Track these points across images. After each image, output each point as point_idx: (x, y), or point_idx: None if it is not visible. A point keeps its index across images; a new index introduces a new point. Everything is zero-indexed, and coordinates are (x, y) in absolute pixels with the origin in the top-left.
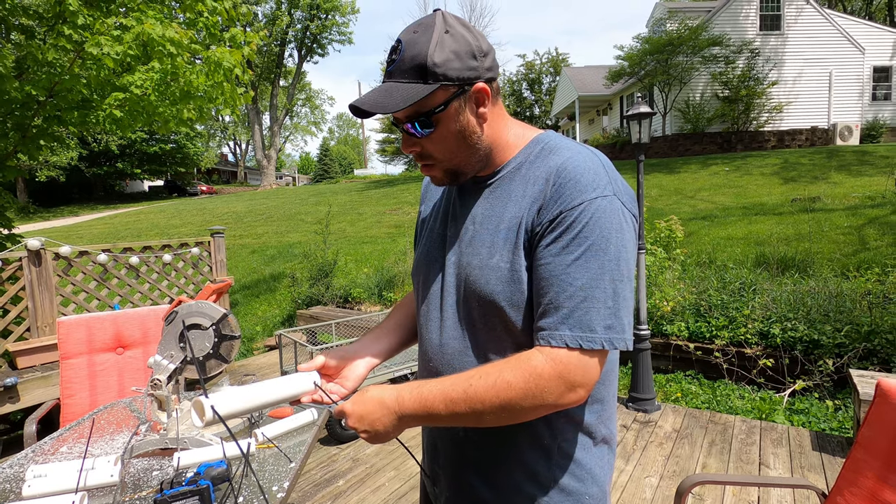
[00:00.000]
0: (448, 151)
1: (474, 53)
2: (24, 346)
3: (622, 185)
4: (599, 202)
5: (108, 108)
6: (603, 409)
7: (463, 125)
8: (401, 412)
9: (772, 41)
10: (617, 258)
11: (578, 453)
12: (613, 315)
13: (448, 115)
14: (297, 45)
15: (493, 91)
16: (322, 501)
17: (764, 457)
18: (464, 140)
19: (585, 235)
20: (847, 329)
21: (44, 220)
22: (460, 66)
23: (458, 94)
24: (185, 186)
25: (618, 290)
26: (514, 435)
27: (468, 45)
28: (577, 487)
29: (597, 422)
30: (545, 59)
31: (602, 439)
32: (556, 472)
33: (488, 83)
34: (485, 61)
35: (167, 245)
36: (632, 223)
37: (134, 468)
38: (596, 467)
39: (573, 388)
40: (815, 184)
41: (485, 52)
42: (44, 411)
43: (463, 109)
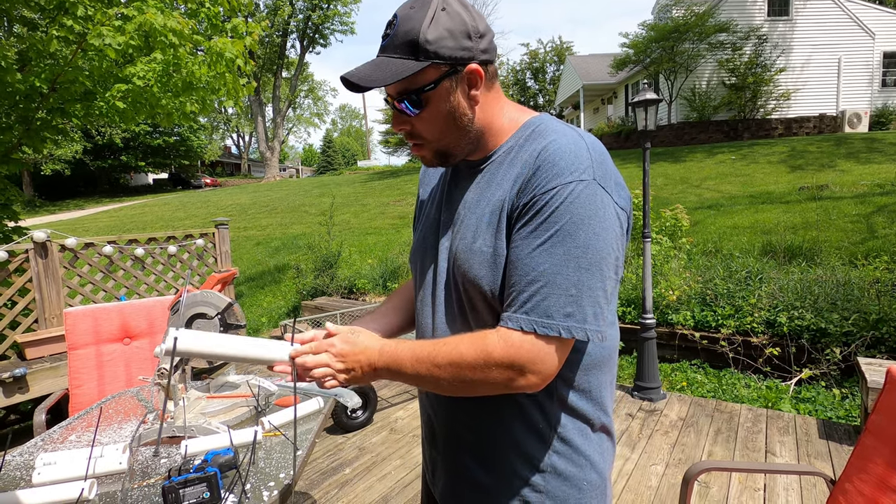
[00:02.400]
0: (437, 132)
1: (469, 33)
2: (32, 337)
3: (607, 172)
4: (574, 186)
5: (111, 100)
6: (597, 399)
7: (454, 106)
8: (377, 361)
9: (780, 27)
10: (586, 246)
11: (576, 439)
12: (575, 303)
13: (438, 94)
14: (300, 36)
15: (489, 74)
16: (328, 489)
17: (770, 445)
18: (454, 121)
19: (555, 220)
20: (855, 317)
21: (49, 213)
22: (454, 44)
23: (450, 74)
24: (189, 179)
25: (583, 279)
26: (508, 418)
27: (464, 25)
28: (574, 473)
29: (593, 409)
30: (549, 48)
31: (601, 427)
32: (552, 457)
33: (483, 65)
34: (480, 42)
35: (172, 237)
36: (614, 211)
37: (142, 456)
38: (595, 454)
39: (523, 373)
40: (823, 172)
41: (481, 34)
42: (53, 401)
43: (454, 90)
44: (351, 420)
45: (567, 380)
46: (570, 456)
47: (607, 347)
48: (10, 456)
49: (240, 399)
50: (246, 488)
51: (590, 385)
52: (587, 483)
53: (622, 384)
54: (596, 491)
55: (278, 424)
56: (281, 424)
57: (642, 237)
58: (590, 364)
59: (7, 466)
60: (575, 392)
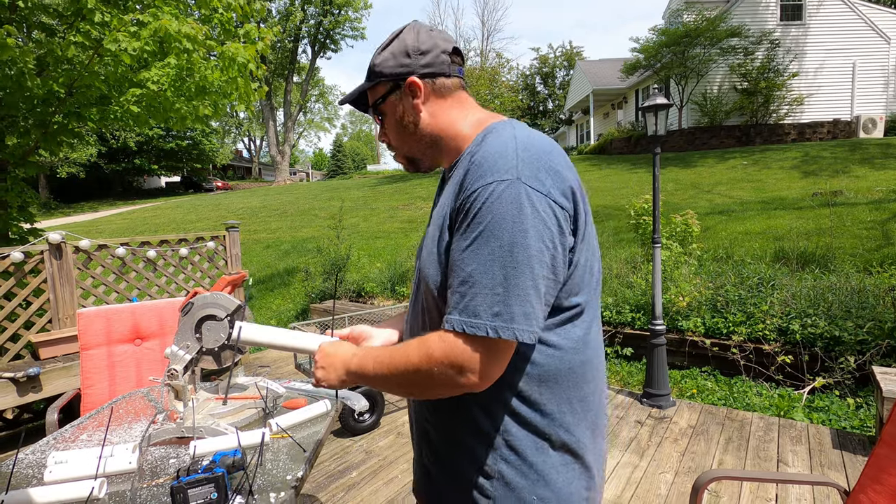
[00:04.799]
0: (397, 139)
1: (408, 52)
2: (45, 337)
3: (537, 169)
4: (495, 187)
5: (126, 104)
6: (553, 415)
7: (400, 115)
8: (349, 364)
9: (793, 31)
10: (511, 244)
11: (529, 452)
12: (502, 303)
13: (388, 106)
14: (311, 41)
15: (435, 85)
16: (335, 492)
17: (782, 454)
18: (404, 129)
19: (478, 221)
20: (869, 325)
21: (64, 215)
22: (394, 63)
23: (394, 88)
24: (201, 182)
25: (509, 277)
26: (460, 420)
27: (404, 46)
28: (523, 485)
29: (548, 425)
30: (559, 53)
31: (561, 446)
32: (501, 465)
33: (426, 77)
34: (420, 59)
35: (183, 239)
36: (547, 207)
37: (151, 456)
38: (552, 472)
39: (462, 372)
40: (837, 177)
41: (422, 52)
42: (65, 400)
43: (399, 101)
44: (358, 423)
45: (514, 388)
46: (521, 467)
47: (566, 361)
48: (23, 454)
49: (248, 401)
50: (253, 489)
51: (542, 399)
52: (537, 498)
53: (631, 391)
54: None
55: (286, 426)
56: (289, 426)
57: (652, 243)
58: (542, 375)
59: (20, 464)
60: (524, 403)
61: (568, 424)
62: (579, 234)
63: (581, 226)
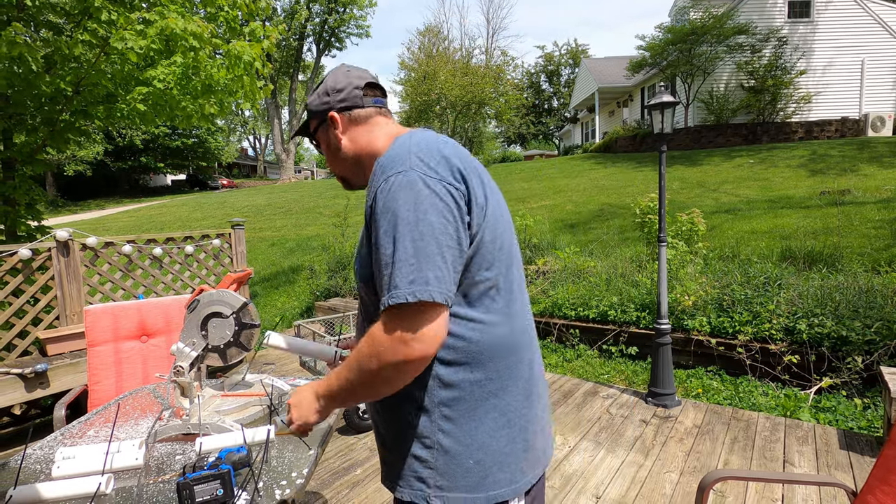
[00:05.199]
0: (330, 162)
1: (328, 92)
2: (53, 333)
3: (429, 160)
4: (393, 179)
5: (132, 102)
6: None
7: (328, 143)
8: (317, 390)
9: (801, 29)
10: (415, 220)
11: (463, 421)
12: (416, 271)
13: (320, 136)
14: (316, 39)
15: (351, 116)
16: (340, 489)
17: (789, 454)
18: (333, 154)
19: (385, 209)
20: (878, 326)
21: (71, 213)
22: (318, 102)
23: (322, 122)
24: (207, 180)
25: (419, 248)
26: (399, 398)
27: (325, 87)
28: (460, 451)
29: (480, 393)
30: (564, 51)
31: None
32: (438, 436)
33: (341, 111)
34: (337, 96)
35: (189, 237)
36: (442, 188)
37: (157, 452)
38: (486, 436)
39: (403, 341)
40: (845, 176)
41: (338, 90)
42: (72, 396)
43: (326, 132)
44: (362, 421)
45: (445, 362)
46: (457, 435)
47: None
48: (31, 450)
49: (253, 398)
50: (258, 486)
51: (472, 370)
52: (474, 462)
53: (636, 390)
54: (487, 470)
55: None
56: None
57: (658, 241)
58: (468, 348)
59: (28, 460)
60: (455, 375)
61: (498, 391)
62: (477, 212)
63: (479, 205)
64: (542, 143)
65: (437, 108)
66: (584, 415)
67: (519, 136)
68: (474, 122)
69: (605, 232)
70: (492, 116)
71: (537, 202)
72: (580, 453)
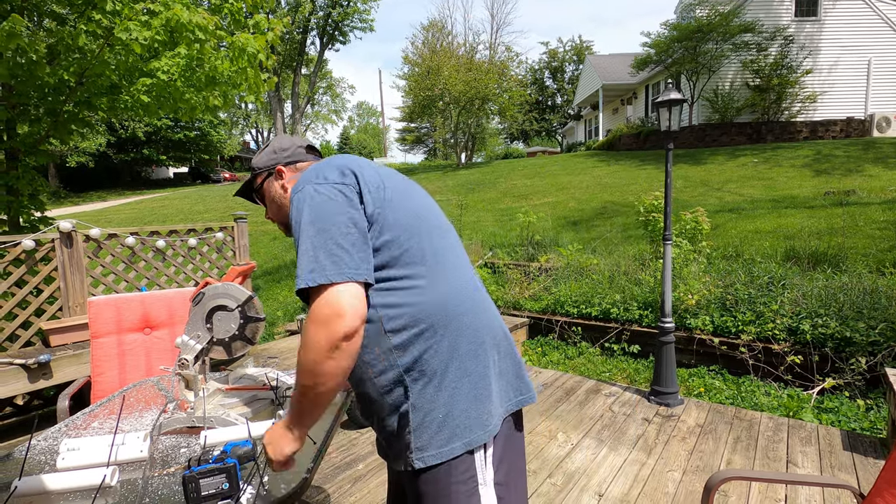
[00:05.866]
0: (273, 212)
1: (275, 150)
2: (56, 324)
3: (316, 175)
4: (294, 197)
5: (136, 94)
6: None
7: (272, 193)
8: (286, 421)
9: (807, 27)
10: (310, 221)
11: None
12: (314, 260)
13: (265, 188)
14: (319, 33)
15: (295, 168)
16: (342, 484)
17: (792, 455)
18: (275, 203)
19: (293, 219)
20: (882, 327)
21: (73, 204)
22: (266, 159)
23: (269, 175)
24: (209, 173)
25: (315, 242)
26: (367, 373)
27: (272, 147)
28: (429, 408)
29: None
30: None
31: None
32: (411, 399)
33: (287, 164)
34: (283, 153)
35: (192, 229)
36: (327, 191)
37: (162, 445)
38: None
39: (326, 321)
40: (850, 176)
41: (284, 148)
42: (76, 388)
43: (271, 183)
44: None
45: (393, 330)
46: (425, 394)
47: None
48: (35, 440)
49: (258, 391)
50: (263, 480)
51: (411, 343)
52: (442, 416)
53: (638, 388)
54: (456, 421)
55: None
56: None
57: (663, 240)
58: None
59: (32, 451)
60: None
61: (451, 346)
62: (375, 196)
63: (375, 189)
64: (544, 139)
65: (441, 104)
66: (587, 412)
67: (522, 133)
68: (477, 118)
69: (607, 229)
70: (495, 112)
71: (540, 199)
72: (582, 451)
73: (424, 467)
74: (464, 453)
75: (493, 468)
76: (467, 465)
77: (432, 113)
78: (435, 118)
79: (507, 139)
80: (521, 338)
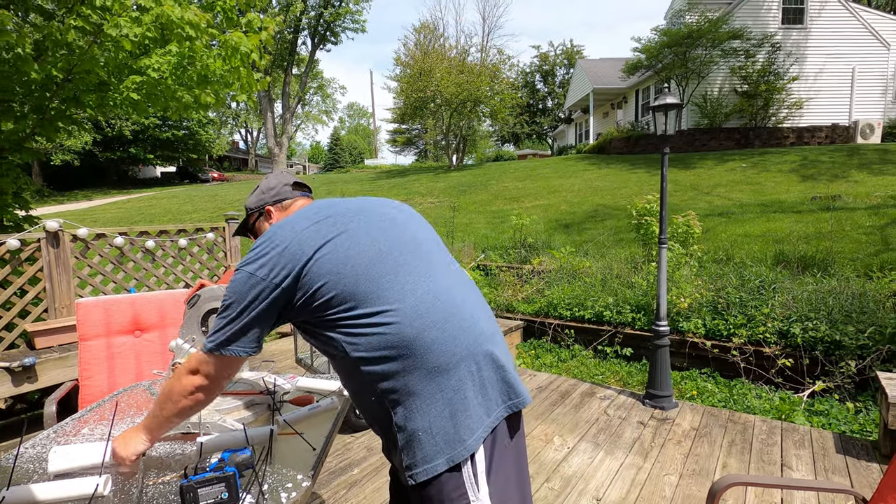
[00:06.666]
0: None
1: (263, 191)
2: (42, 326)
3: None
4: (235, 275)
5: (126, 91)
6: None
7: (264, 230)
8: (136, 427)
9: (794, 35)
10: (225, 306)
11: (406, 401)
12: (221, 334)
13: (258, 228)
14: (311, 33)
15: (282, 205)
16: (337, 490)
17: (786, 458)
18: None
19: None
20: (871, 331)
21: (58, 203)
22: (256, 200)
23: (259, 215)
24: (197, 173)
25: (223, 327)
26: (364, 396)
27: (260, 189)
28: (413, 427)
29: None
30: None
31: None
32: (395, 419)
33: (274, 204)
34: (270, 192)
35: (183, 230)
36: (248, 275)
37: (156, 451)
38: (426, 408)
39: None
40: (836, 182)
41: (271, 188)
42: (63, 392)
43: (263, 221)
44: (360, 419)
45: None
46: (406, 415)
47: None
48: (23, 447)
49: (254, 396)
50: (263, 489)
51: (380, 371)
52: (422, 433)
53: (633, 392)
54: (435, 438)
55: (293, 423)
56: (296, 423)
57: (658, 243)
58: (366, 350)
59: (19, 459)
60: (380, 370)
61: (423, 368)
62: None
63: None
64: (535, 142)
65: (432, 105)
66: (582, 416)
67: (513, 136)
68: (469, 120)
69: (599, 232)
70: (487, 115)
71: (532, 202)
72: (579, 455)
73: (416, 484)
74: (448, 469)
75: (485, 480)
76: (456, 480)
77: (424, 114)
78: (426, 120)
79: (497, 142)
80: (515, 340)
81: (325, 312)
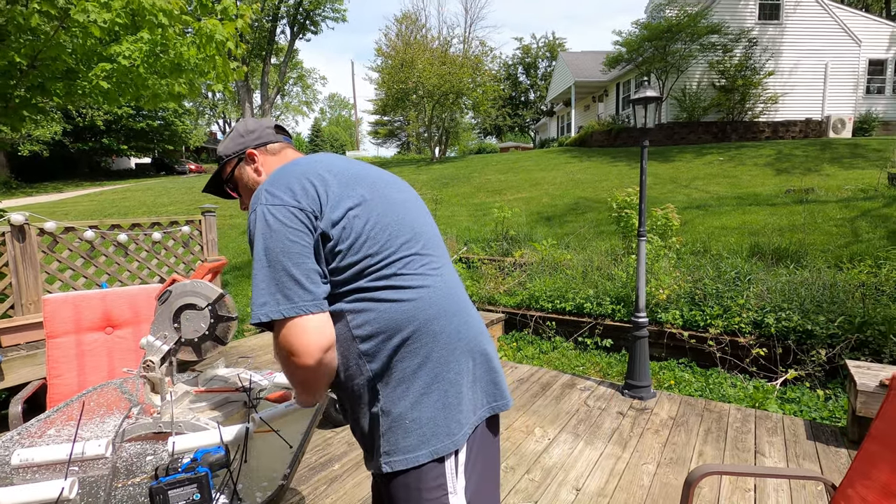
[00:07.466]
0: (248, 196)
1: (241, 134)
2: (7, 323)
3: (276, 192)
4: (251, 216)
5: (95, 80)
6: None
7: (247, 180)
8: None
9: (770, 31)
10: (263, 252)
11: (395, 384)
12: (267, 293)
13: (238, 176)
14: (290, 21)
15: (267, 149)
16: (317, 485)
17: (760, 445)
18: (250, 190)
19: (249, 241)
20: (840, 320)
21: (27, 195)
22: (233, 144)
23: (239, 161)
24: (173, 164)
25: (267, 275)
26: (347, 381)
27: (237, 131)
28: (398, 413)
29: (402, 357)
30: (542, 43)
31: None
32: (380, 404)
33: (258, 147)
34: (251, 135)
35: (157, 223)
36: (286, 213)
37: (126, 452)
38: (417, 396)
39: (284, 360)
40: (809, 175)
41: (251, 130)
42: (30, 391)
43: (244, 169)
44: (339, 414)
45: (361, 338)
46: (393, 399)
47: (396, 305)
48: None
49: (230, 393)
50: (237, 489)
51: (380, 350)
52: (410, 422)
53: (612, 382)
54: (423, 428)
55: (270, 420)
56: (272, 420)
57: (638, 236)
58: (378, 321)
59: None
60: (373, 348)
61: (420, 351)
62: (334, 215)
63: (338, 208)
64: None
65: (414, 97)
66: (563, 407)
67: (495, 128)
68: (451, 112)
69: (580, 225)
70: (469, 107)
71: (514, 194)
72: (559, 445)
73: (392, 472)
74: (431, 461)
75: (464, 477)
76: (437, 472)
77: (406, 106)
78: (408, 112)
79: (480, 134)
80: (496, 333)
81: (346, 273)
